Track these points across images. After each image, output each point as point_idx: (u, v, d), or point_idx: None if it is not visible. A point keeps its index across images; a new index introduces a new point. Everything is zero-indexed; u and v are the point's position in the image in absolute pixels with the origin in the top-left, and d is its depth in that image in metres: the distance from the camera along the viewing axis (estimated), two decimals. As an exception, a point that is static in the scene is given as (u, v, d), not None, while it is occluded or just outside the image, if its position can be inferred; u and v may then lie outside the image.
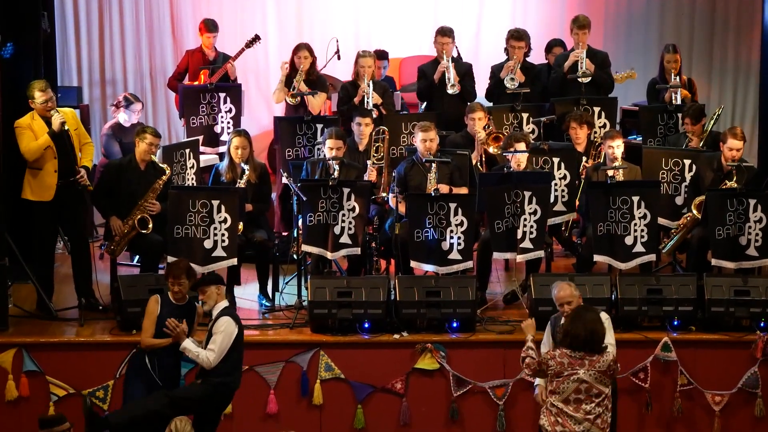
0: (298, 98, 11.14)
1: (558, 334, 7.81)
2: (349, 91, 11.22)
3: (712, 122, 10.78)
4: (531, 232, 9.59)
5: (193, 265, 9.34)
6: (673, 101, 11.18)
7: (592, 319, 7.47)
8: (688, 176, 10.16)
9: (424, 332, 9.26)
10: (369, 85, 11.01)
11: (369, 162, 10.34)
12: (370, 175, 10.25)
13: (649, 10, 14.06)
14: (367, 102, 10.90)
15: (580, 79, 11.20)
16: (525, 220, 9.58)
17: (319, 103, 11.23)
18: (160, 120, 13.80)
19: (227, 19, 13.40)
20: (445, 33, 11.37)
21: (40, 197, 9.51)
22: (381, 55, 12.25)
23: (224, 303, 8.24)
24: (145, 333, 8.30)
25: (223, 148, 10.87)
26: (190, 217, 9.39)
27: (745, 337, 9.22)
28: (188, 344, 8.16)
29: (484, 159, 10.54)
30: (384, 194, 10.28)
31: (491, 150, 10.48)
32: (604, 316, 7.80)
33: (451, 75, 11.23)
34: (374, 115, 10.78)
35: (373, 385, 9.20)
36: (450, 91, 11.23)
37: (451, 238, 9.48)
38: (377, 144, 10.41)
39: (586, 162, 10.38)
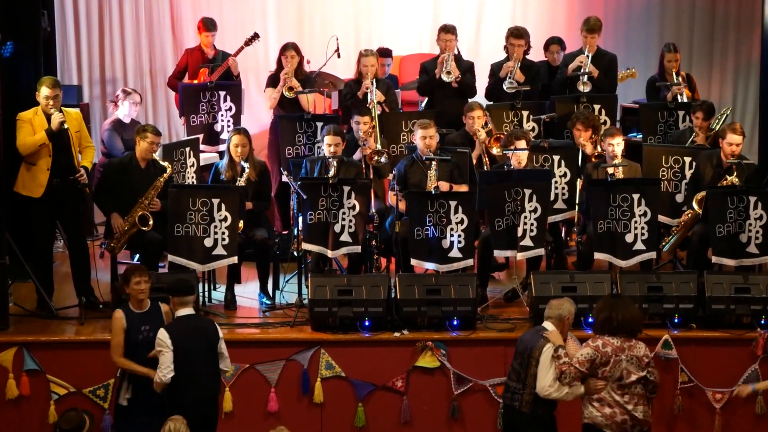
0: (294, 93, 11.17)
1: None
2: (352, 89, 11.21)
3: (719, 122, 10.73)
4: (531, 230, 9.59)
5: (192, 263, 9.38)
6: (679, 99, 11.17)
7: (627, 304, 7.72)
8: (688, 173, 10.16)
9: (424, 330, 9.26)
10: (372, 83, 11.01)
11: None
12: (364, 149, 10.29)
13: (649, 8, 14.04)
14: (371, 99, 10.89)
15: (580, 87, 11.15)
16: (525, 217, 9.57)
17: (310, 101, 11.24)
18: (160, 118, 13.78)
19: (227, 17, 13.39)
20: (448, 30, 11.38)
21: (30, 192, 9.51)
22: (385, 53, 12.24)
23: (177, 313, 8.01)
24: (115, 351, 8.08)
25: (223, 147, 10.87)
26: (190, 216, 9.39)
27: (746, 334, 9.22)
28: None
29: (487, 159, 10.53)
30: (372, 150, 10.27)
31: (494, 151, 10.46)
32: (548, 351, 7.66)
33: (450, 66, 11.21)
34: (378, 111, 10.78)
35: (374, 383, 9.19)
36: (446, 78, 11.18)
37: (452, 236, 9.48)
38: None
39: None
